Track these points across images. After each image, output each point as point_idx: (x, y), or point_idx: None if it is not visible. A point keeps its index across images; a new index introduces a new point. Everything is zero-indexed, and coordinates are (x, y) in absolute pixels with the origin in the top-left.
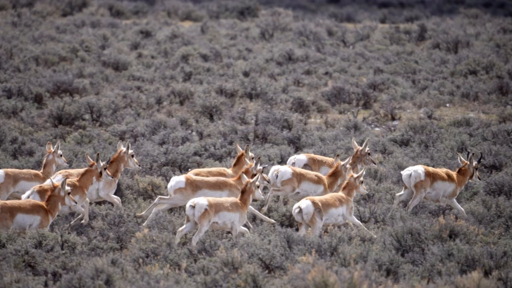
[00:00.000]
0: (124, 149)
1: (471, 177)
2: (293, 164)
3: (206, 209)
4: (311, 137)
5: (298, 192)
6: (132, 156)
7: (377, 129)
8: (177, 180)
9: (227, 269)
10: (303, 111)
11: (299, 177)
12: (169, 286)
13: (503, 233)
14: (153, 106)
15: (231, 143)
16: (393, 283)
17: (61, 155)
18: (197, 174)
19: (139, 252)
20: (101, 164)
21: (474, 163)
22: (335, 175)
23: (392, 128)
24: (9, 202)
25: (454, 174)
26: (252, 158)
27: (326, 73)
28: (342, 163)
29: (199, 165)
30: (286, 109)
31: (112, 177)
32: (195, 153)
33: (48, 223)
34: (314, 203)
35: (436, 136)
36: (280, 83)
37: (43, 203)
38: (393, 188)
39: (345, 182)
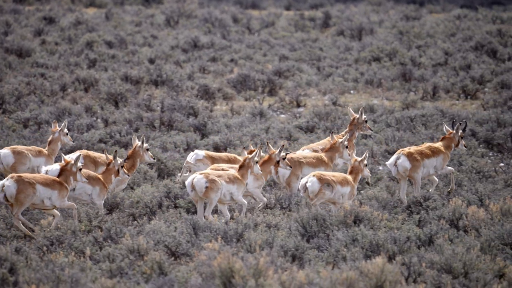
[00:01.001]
0: (140, 143)
1: (457, 145)
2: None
3: (207, 186)
4: (217, 124)
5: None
6: (147, 150)
7: (282, 116)
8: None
9: (133, 256)
10: (209, 98)
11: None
12: (74, 273)
13: (406, 219)
14: (58, 93)
15: (136, 130)
16: (299, 269)
17: (67, 134)
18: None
19: (44, 240)
20: (119, 161)
21: (460, 131)
22: (332, 150)
23: (298, 115)
24: (24, 174)
25: (438, 145)
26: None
27: (232, 60)
28: (340, 140)
29: (103, 152)
30: (192, 96)
31: (128, 175)
32: (100, 140)
33: (65, 194)
34: (320, 179)
35: (341, 123)
36: (186, 70)
37: (55, 178)
38: None
39: (350, 166)
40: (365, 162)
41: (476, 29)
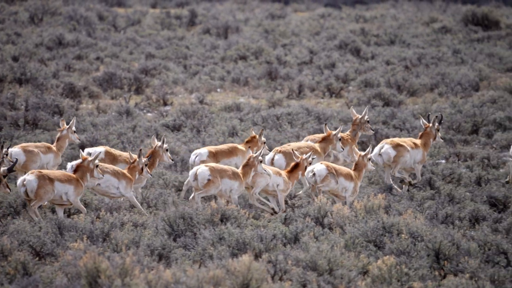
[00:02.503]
0: (160, 144)
1: (434, 138)
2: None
3: (209, 179)
4: (83, 123)
5: None
6: (167, 150)
7: (149, 114)
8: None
9: None
10: (74, 97)
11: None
12: None
13: (272, 217)
14: None
15: (0, 129)
16: (165, 268)
17: (74, 132)
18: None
19: None
20: (143, 160)
21: (436, 124)
22: (325, 141)
23: (164, 113)
24: (44, 171)
25: (418, 141)
26: (264, 143)
27: (98, 58)
28: (333, 132)
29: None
30: (57, 94)
31: (151, 175)
32: None
33: (81, 191)
34: (328, 167)
35: (208, 121)
36: (51, 68)
37: (72, 174)
38: (165, 173)
39: (355, 162)
40: (369, 156)
41: (340, 28)
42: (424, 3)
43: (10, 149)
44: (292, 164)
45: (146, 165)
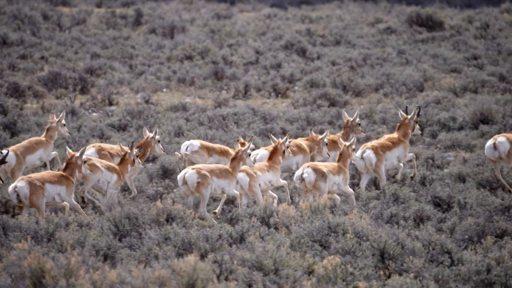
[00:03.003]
0: (151, 135)
1: (413, 130)
2: (187, 148)
3: (198, 182)
4: (28, 122)
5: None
6: (159, 141)
7: (94, 114)
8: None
9: None
10: (18, 96)
11: None
12: None
13: (218, 217)
14: None
15: None
16: (110, 268)
17: (64, 125)
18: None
19: None
20: (134, 152)
21: (414, 116)
22: (313, 142)
23: (110, 113)
24: (33, 175)
25: (395, 136)
26: (253, 149)
27: (42, 58)
28: (320, 136)
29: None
30: (1, 94)
31: (142, 165)
32: None
33: (72, 188)
34: (315, 169)
35: (154, 121)
36: None
37: (61, 172)
38: None
39: (339, 152)
40: (353, 147)
41: (286, 28)
42: (369, 4)
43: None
44: (270, 150)
45: (137, 156)
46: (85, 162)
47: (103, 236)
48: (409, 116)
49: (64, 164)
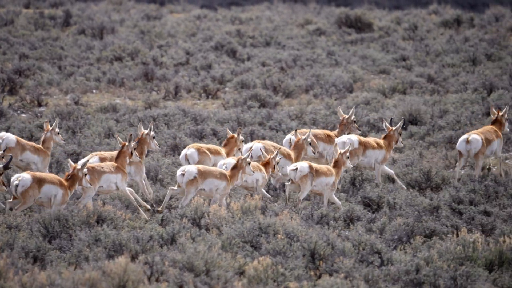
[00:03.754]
0: (146, 131)
1: (396, 142)
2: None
3: (195, 177)
4: None
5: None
6: (154, 137)
7: (23, 115)
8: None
9: None
10: None
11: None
12: None
13: (149, 218)
14: None
15: None
16: (40, 270)
17: (58, 133)
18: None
19: None
20: (132, 144)
21: (399, 129)
22: (297, 148)
23: (39, 115)
24: (38, 173)
25: (382, 141)
26: (242, 141)
27: None
28: (303, 137)
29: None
30: None
31: (139, 158)
32: None
33: (67, 198)
34: (310, 166)
35: (84, 122)
36: None
37: (64, 180)
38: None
39: (334, 159)
40: (347, 154)
41: (216, 29)
42: (299, 5)
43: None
44: (262, 162)
45: (134, 149)
46: (86, 175)
47: (33, 238)
48: (393, 128)
49: (66, 175)
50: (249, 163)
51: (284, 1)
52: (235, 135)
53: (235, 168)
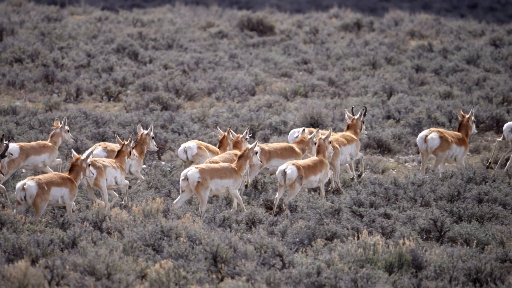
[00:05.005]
0: (146, 131)
1: (360, 129)
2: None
3: (199, 181)
4: None
5: (267, 168)
6: (153, 138)
7: None
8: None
9: None
10: None
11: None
12: None
13: (50, 221)
14: None
15: None
16: None
17: (68, 131)
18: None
19: None
20: (131, 144)
21: (362, 117)
22: (302, 143)
23: None
24: (42, 177)
25: (349, 134)
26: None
27: None
28: (309, 136)
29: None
30: None
31: (137, 156)
32: None
33: (75, 192)
34: (298, 169)
35: None
36: None
37: (67, 174)
38: None
39: (316, 146)
40: (330, 139)
41: (118, 31)
42: (201, 8)
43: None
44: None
45: (133, 148)
46: (89, 165)
47: None
48: (356, 117)
49: (70, 166)
50: (256, 153)
51: (186, 4)
52: (226, 134)
53: (242, 157)
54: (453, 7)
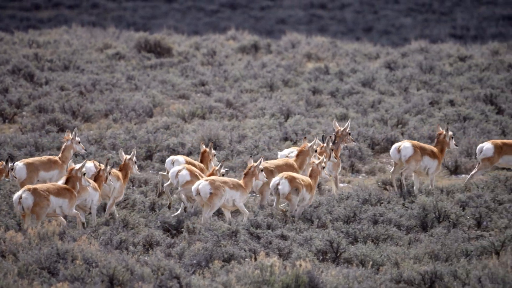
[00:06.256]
0: (129, 157)
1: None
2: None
3: (211, 192)
4: None
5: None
6: (135, 162)
7: None
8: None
9: None
10: None
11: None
12: None
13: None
14: None
15: None
16: None
17: (79, 142)
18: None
19: None
20: (108, 169)
21: (330, 145)
22: (302, 154)
23: None
24: (39, 186)
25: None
26: (215, 155)
27: None
28: (309, 144)
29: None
30: None
31: (121, 180)
32: None
33: (74, 201)
34: (290, 182)
35: None
36: None
37: (64, 185)
38: None
39: (310, 169)
40: (323, 164)
41: (13, 52)
42: (98, 29)
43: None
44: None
45: (109, 173)
46: (84, 174)
47: None
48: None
49: (65, 177)
50: (262, 170)
51: (83, 25)
52: (208, 149)
53: (247, 175)
54: (349, 30)
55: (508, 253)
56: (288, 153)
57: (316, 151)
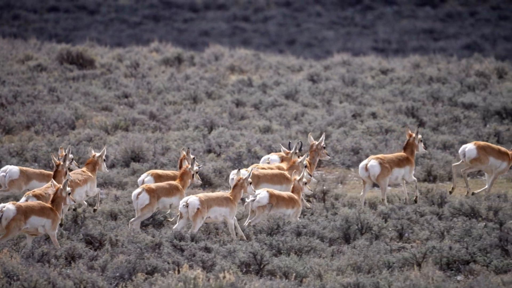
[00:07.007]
0: (98, 154)
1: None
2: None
3: (198, 208)
4: None
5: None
6: (104, 160)
7: None
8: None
9: None
10: None
11: None
12: None
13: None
14: None
15: None
16: None
17: (72, 159)
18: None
19: None
20: (67, 163)
21: (297, 151)
22: (292, 168)
23: None
24: (23, 204)
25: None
26: (193, 158)
27: None
28: (299, 160)
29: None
30: None
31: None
32: None
33: (57, 223)
34: (271, 196)
35: None
36: None
37: (49, 205)
38: None
39: (292, 185)
40: (304, 180)
41: None
42: (19, 40)
43: None
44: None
45: (69, 194)
46: (69, 194)
47: None
48: (291, 151)
49: (52, 197)
50: (250, 183)
51: (4, 37)
52: (186, 155)
53: (236, 187)
54: (272, 42)
55: (430, 264)
56: (268, 159)
57: (306, 166)
